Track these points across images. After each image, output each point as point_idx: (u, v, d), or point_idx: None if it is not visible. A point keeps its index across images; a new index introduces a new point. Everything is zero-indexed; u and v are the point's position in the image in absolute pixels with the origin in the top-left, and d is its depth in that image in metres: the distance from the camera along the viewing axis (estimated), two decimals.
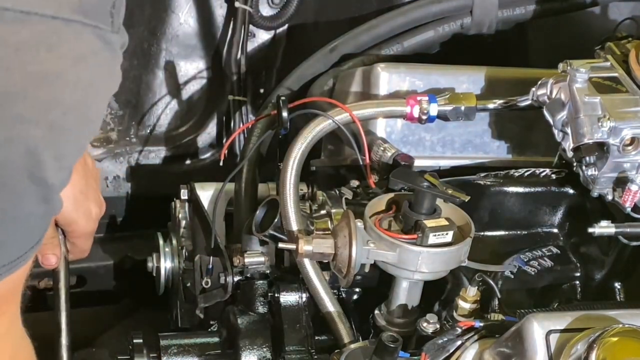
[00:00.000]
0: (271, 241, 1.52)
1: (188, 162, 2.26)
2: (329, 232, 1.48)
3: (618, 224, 1.40)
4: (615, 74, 1.47)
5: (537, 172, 1.59)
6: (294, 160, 1.51)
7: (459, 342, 1.29)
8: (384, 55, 1.88)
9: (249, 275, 1.57)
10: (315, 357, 1.46)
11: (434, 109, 1.59)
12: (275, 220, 1.49)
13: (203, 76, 2.18)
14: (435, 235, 1.35)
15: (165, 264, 1.77)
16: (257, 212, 1.54)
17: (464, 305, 1.36)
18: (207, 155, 2.26)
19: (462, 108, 1.60)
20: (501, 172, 1.60)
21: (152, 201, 1.95)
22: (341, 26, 1.99)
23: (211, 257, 1.60)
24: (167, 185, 1.85)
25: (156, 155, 2.23)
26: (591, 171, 1.41)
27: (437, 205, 1.40)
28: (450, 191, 1.42)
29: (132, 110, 2.17)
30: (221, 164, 1.68)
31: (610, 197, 1.43)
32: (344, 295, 1.56)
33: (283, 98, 1.59)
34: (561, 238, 1.60)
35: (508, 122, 1.71)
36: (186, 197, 1.76)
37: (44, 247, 1.32)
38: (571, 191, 1.58)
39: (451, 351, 1.29)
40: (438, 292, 1.48)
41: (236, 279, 1.57)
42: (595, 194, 1.44)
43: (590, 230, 1.40)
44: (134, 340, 1.54)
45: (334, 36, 1.92)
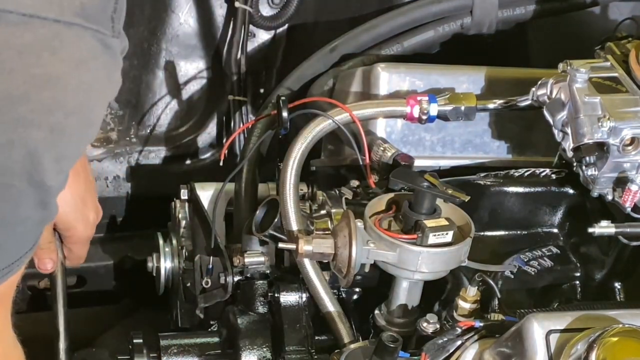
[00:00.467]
0: (271, 241, 1.52)
1: (188, 162, 2.25)
2: (329, 232, 1.48)
3: (618, 224, 1.40)
4: (615, 74, 1.47)
5: (537, 172, 1.59)
6: (294, 160, 1.51)
7: (459, 342, 1.29)
8: (384, 55, 1.88)
9: (249, 275, 1.57)
10: (315, 357, 1.46)
11: (434, 109, 1.59)
12: (275, 220, 1.49)
13: (203, 76, 2.18)
14: (435, 235, 1.35)
15: (165, 264, 1.77)
16: (257, 212, 1.54)
17: (464, 305, 1.36)
18: (207, 155, 2.26)
19: (462, 108, 1.60)
20: (501, 172, 1.60)
21: (152, 201, 1.95)
22: (341, 26, 1.99)
23: (211, 257, 1.60)
24: (167, 185, 1.85)
25: (156, 155, 2.23)
26: (591, 171, 1.40)
27: (437, 205, 1.40)
28: (450, 191, 1.42)
29: (132, 110, 2.17)
30: (221, 164, 1.68)
31: (610, 197, 1.43)
32: (344, 295, 1.56)
33: (283, 98, 1.59)
34: (561, 238, 1.60)
35: (508, 122, 1.71)
36: (186, 197, 1.76)
37: (41, 251, 1.32)
38: (571, 191, 1.58)
39: (451, 351, 1.29)
40: (438, 292, 1.48)
41: (236, 279, 1.57)
42: (595, 194, 1.43)
43: (590, 230, 1.40)
44: (134, 340, 1.54)
45: (334, 36, 1.92)
